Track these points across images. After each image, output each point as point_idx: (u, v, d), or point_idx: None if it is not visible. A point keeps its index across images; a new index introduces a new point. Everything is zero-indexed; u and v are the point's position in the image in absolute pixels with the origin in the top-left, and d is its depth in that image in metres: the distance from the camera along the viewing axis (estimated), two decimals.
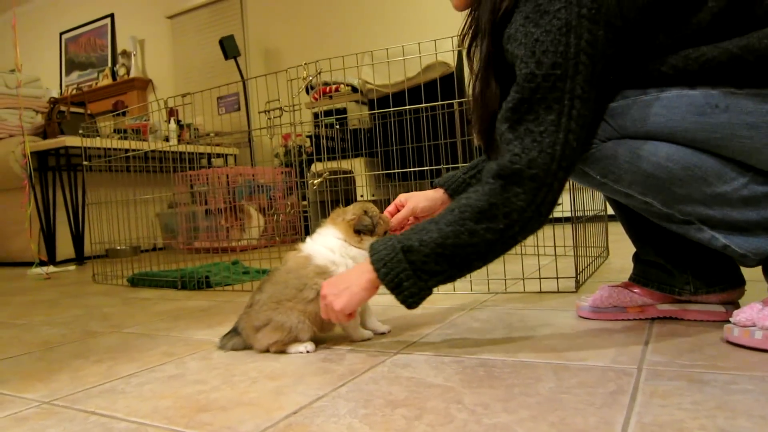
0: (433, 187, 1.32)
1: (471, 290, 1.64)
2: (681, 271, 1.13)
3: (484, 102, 1.08)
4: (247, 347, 1.18)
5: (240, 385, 0.95)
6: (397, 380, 0.91)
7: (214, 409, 0.84)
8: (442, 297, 1.60)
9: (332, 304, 1.05)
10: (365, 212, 1.19)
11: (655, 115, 0.94)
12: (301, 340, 1.13)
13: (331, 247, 1.17)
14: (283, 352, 1.13)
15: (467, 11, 1.13)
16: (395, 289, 0.99)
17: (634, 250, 1.25)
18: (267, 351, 1.14)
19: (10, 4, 6.92)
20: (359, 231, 1.17)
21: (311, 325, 1.13)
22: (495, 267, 1.76)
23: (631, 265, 1.24)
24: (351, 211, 1.20)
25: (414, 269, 0.98)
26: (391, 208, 1.29)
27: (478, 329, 1.21)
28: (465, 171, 1.30)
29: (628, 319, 1.17)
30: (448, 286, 1.68)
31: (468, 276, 1.55)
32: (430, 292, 1.01)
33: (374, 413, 0.78)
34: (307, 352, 1.12)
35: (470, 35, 1.12)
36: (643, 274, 1.19)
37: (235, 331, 1.19)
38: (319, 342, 1.17)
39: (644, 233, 1.18)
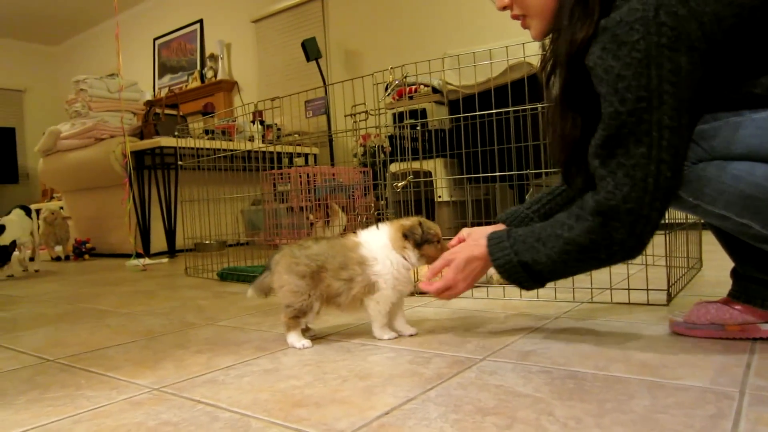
0: (495, 222, 1.36)
1: (555, 298, 1.61)
2: None
3: (563, 133, 1.10)
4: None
5: (332, 383, 0.99)
6: (485, 387, 0.92)
7: (309, 405, 0.89)
8: (526, 304, 1.59)
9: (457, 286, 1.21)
10: (420, 223, 1.28)
11: (750, 137, 0.92)
12: (305, 316, 1.26)
13: (378, 244, 1.27)
14: (283, 332, 1.28)
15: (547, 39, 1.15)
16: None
17: (729, 261, 1.19)
18: (281, 287, 1.26)
19: (108, 13, 7.41)
20: (407, 236, 1.25)
21: (322, 303, 1.26)
22: (581, 275, 1.73)
23: (727, 278, 1.19)
24: (411, 220, 1.30)
25: (530, 275, 1.13)
26: (453, 241, 1.33)
27: (565, 339, 1.20)
28: (528, 206, 1.33)
29: (727, 338, 1.12)
30: (532, 293, 1.67)
31: (552, 284, 1.57)
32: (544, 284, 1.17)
33: (465, 419, 0.79)
34: (303, 347, 1.24)
35: (550, 65, 1.13)
36: (744, 290, 1.14)
37: (269, 269, 1.30)
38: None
39: (743, 249, 1.13)
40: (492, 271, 1.82)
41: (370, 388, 0.95)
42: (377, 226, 1.31)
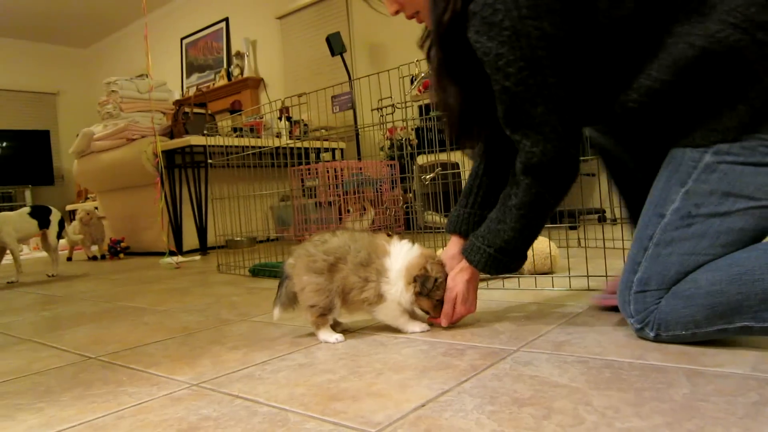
0: (447, 232, 1.40)
1: (588, 288, 1.59)
2: None
3: (447, 105, 1.19)
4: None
5: (366, 377, 0.99)
6: (520, 378, 0.92)
7: (345, 399, 0.90)
8: (558, 294, 1.57)
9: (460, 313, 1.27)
10: (435, 280, 1.24)
11: (675, 263, 1.03)
12: (331, 313, 1.25)
13: (398, 265, 1.24)
14: (313, 331, 1.29)
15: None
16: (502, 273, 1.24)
17: None
18: (302, 290, 1.26)
19: (136, 15, 7.55)
20: (416, 279, 1.23)
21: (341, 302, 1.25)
22: (615, 263, 1.71)
23: None
24: (436, 270, 1.24)
25: (510, 255, 1.19)
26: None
27: (600, 328, 1.18)
28: (465, 203, 1.36)
29: None
30: (564, 282, 1.66)
31: (585, 271, 1.57)
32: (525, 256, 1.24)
33: (501, 410, 0.79)
34: (337, 341, 1.24)
35: (429, 41, 1.22)
36: None
37: (288, 277, 1.29)
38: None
39: None
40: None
41: (404, 381, 0.95)
42: (413, 245, 1.28)
